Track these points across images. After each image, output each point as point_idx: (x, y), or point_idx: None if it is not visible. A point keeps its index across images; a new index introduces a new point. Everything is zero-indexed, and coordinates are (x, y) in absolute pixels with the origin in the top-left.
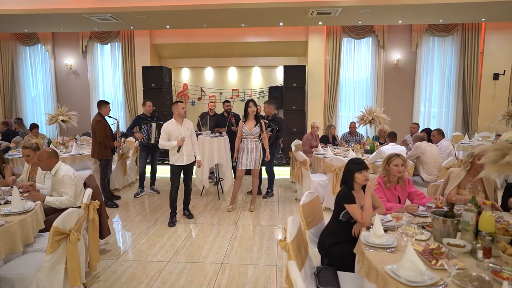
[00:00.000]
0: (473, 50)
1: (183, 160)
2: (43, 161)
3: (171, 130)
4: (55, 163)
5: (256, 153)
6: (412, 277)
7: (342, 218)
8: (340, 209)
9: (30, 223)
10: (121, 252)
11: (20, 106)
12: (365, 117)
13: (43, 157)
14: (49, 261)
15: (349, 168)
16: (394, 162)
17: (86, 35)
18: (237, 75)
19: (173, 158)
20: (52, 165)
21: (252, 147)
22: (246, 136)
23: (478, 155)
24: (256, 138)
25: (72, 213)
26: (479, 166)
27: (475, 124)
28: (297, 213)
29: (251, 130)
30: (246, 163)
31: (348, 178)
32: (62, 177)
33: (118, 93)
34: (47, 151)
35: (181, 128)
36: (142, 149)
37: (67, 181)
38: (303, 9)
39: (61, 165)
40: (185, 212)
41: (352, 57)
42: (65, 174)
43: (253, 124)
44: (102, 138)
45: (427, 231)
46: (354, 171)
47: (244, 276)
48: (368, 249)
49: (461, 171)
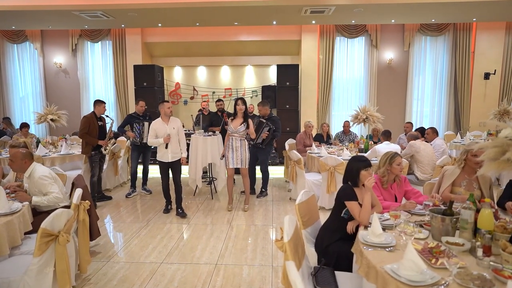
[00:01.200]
0: (464, 50)
1: (168, 157)
2: (17, 162)
3: (157, 128)
4: (29, 165)
5: (242, 151)
6: (413, 277)
7: (344, 215)
8: (342, 206)
9: (17, 224)
10: (112, 254)
11: (8, 105)
12: (359, 115)
13: (17, 157)
14: (36, 264)
15: (354, 165)
16: (396, 161)
17: (76, 33)
18: (230, 74)
19: (159, 154)
20: (26, 167)
21: (237, 146)
22: (232, 134)
23: (471, 151)
24: (242, 137)
25: (62, 213)
26: (473, 163)
27: (467, 123)
28: (292, 212)
29: (236, 128)
30: (232, 161)
31: (353, 176)
32: (38, 179)
33: (109, 92)
34: (21, 152)
35: (167, 126)
36: (134, 148)
37: (44, 181)
38: (296, 7)
39: (35, 166)
40: (178, 211)
41: (345, 56)
42: (40, 176)
43: (239, 123)
44: (82, 133)
45: (425, 229)
46: (360, 169)
47: (239, 276)
48: (367, 248)
49: (455, 169)
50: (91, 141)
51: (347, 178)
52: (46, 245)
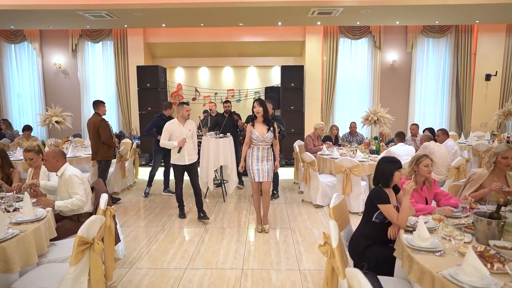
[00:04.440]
0: (466, 52)
1: (184, 160)
2: (50, 161)
3: (173, 130)
4: (62, 164)
5: (268, 162)
6: (475, 283)
7: (375, 220)
8: (373, 210)
9: (44, 231)
10: (133, 260)
11: (5, 106)
12: (370, 117)
13: (50, 156)
14: (72, 273)
15: (387, 167)
16: (424, 162)
17: (76, 33)
18: (232, 75)
19: (175, 157)
20: (58, 166)
21: (263, 156)
22: (257, 144)
23: (501, 154)
24: (268, 145)
25: (96, 220)
26: (503, 165)
27: (468, 124)
28: (308, 215)
29: (263, 136)
30: (258, 174)
31: (387, 178)
32: (69, 178)
33: (110, 93)
34: (53, 151)
35: (183, 128)
36: (158, 150)
37: (74, 180)
38: (304, 8)
39: (68, 167)
40: (200, 214)
41: (348, 58)
42: (71, 174)
43: (264, 129)
44: (107, 137)
45: (467, 233)
46: (394, 170)
47: (268, 281)
48: (415, 252)
49: (483, 171)
50: (113, 144)
51: (378, 180)
52: (82, 254)
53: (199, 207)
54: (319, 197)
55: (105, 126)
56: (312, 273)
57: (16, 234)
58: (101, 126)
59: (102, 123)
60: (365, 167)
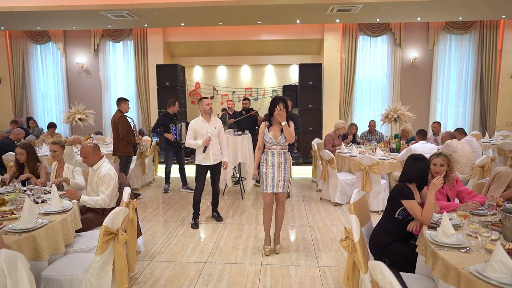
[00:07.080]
0: (491, 48)
1: (209, 160)
2: (90, 157)
3: (197, 128)
4: (100, 158)
5: (285, 169)
6: (504, 279)
7: (398, 216)
8: (396, 206)
9: (70, 222)
10: (154, 253)
11: (31, 104)
12: (390, 115)
13: (90, 152)
14: (98, 262)
15: (421, 165)
16: (433, 161)
17: (98, 33)
18: (250, 74)
19: (199, 157)
20: (97, 159)
21: (280, 161)
22: (271, 147)
23: None
24: (285, 148)
25: (120, 212)
26: None
27: (493, 123)
28: (326, 212)
29: (277, 138)
30: (272, 183)
31: (423, 176)
32: (103, 176)
33: (130, 92)
34: (91, 146)
35: (208, 125)
36: (168, 148)
37: (107, 180)
38: (323, 5)
39: (104, 162)
40: (213, 214)
41: (368, 55)
42: (106, 173)
43: (279, 130)
44: (124, 133)
45: (494, 230)
46: (429, 167)
47: (287, 277)
48: (439, 249)
49: (507, 169)
50: (132, 140)
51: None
52: (107, 243)
53: (214, 207)
54: (338, 195)
55: (123, 123)
56: (331, 269)
57: (45, 223)
58: (120, 122)
59: (121, 119)
60: (385, 165)
